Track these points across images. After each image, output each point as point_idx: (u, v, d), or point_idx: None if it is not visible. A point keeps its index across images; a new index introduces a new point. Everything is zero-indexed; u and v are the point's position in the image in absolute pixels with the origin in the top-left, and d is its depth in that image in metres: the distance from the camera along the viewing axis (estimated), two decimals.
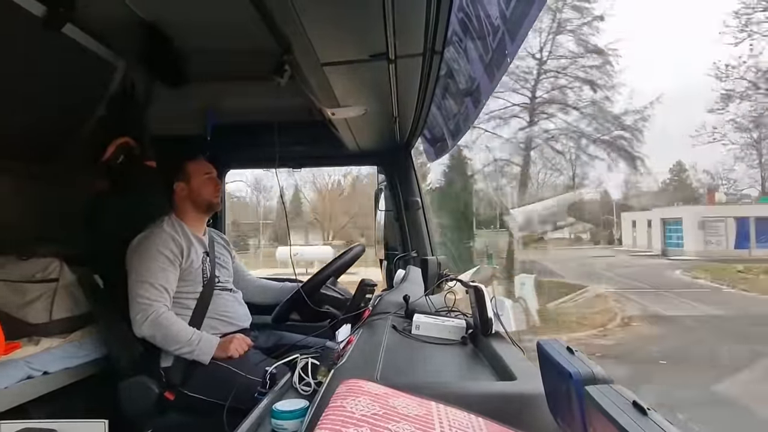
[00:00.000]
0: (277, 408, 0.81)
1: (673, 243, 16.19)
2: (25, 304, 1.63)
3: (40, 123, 1.75)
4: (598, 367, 0.52)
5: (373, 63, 1.16)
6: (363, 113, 1.56)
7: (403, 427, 0.55)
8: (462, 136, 2.06)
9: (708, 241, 15.29)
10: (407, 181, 2.19)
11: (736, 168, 16.15)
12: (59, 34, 1.44)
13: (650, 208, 16.96)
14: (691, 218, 15.52)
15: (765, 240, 14.69)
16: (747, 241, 14.85)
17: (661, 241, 16.62)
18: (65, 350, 1.64)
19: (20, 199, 1.90)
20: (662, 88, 24.72)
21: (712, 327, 9.10)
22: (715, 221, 15.32)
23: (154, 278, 1.57)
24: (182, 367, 1.57)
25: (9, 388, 1.41)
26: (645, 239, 17.15)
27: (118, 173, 1.85)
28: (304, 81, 1.38)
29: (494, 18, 1.24)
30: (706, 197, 16.94)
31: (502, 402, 0.71)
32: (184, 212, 1.74)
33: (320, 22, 0.99)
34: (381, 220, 2.35)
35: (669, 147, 18.30)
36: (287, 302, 1.75)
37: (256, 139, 2.11)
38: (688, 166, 17.60)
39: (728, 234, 15.19)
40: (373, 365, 0.86)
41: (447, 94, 1.86)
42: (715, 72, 14.40)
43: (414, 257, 2.10)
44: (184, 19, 1.59)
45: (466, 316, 1.25)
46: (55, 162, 1.96)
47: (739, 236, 15.01)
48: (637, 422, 0.42)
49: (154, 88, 1.97)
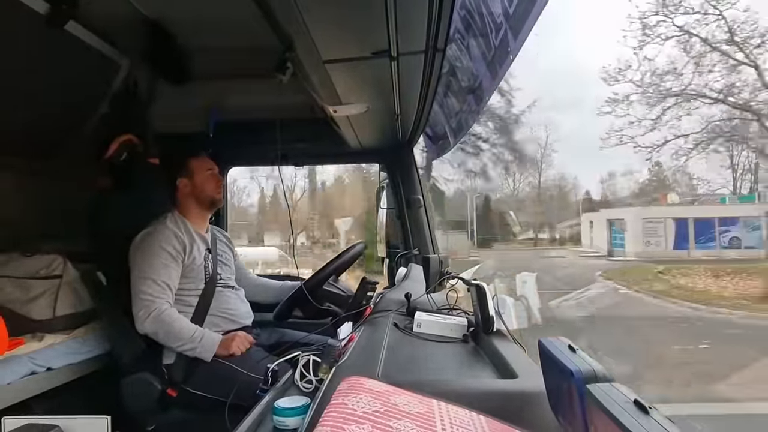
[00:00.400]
0: (278, 405, 0.81)
1: (617, 244, 16.38)
2: (28, 300, 1.64)
3: (43, 120, 1.76)
4: (599, 365, 0.52)
5: (375, 60, 1.16)
6: (365, 111, 1.56)
7: (404, 424, 0.55)
8: (464, 134, 2.05)
9: (647, 242, 15.41)
10: (409, 178, 2.18)
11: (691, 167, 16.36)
12: (62, 32, 1.44)
13: (598, 209, 17.39)
14: (632, 219, 15.68)
15: (704, 241, 14.81)
16: (686, 242, 14.91)
17: (608, 241, 16.85)
18: (68, 346, 1.65)
19: (24, 195, 1.91)
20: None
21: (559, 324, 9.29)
22: (654, 222, 15.44)
23: (156, 275, 1.58)
24: (184, 364, 1.58)
25: (12, 384, 1.42)
26: (602, 239, 17.33)
27: (121, 170, 1.85)
28: (306, 78, 1.37)
29: (497, 15, 1.23)
30: (659, 198, 17.10)
31: (504, 400, 0.71)
32: (187, 209, 1.75)
33: (322, 19, 0.99)
34: (383, 217, 2.35)
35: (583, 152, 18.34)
36: (289, 300, 1.76)
37: (258, 136, 2.12)
38: (666, 167, 17.67)
39: (667, 235, 15.28)
40: (374, 363, 0.86)
41: (449, 92, 1.86)
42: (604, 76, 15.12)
43: (416, 255, 2.10)
44: (187, 16, 1.59)
45: (467, 314, 1.25)
46: (59, 159, 1.97)
47: (678, 237, 15.09)
48: (638, 420, 0.42)
49: (157, 85, 1.97)
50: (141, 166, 1.88)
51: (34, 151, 1.88)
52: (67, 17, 1.42)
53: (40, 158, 1.91)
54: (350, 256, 1.78)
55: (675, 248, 14.92)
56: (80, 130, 1.95)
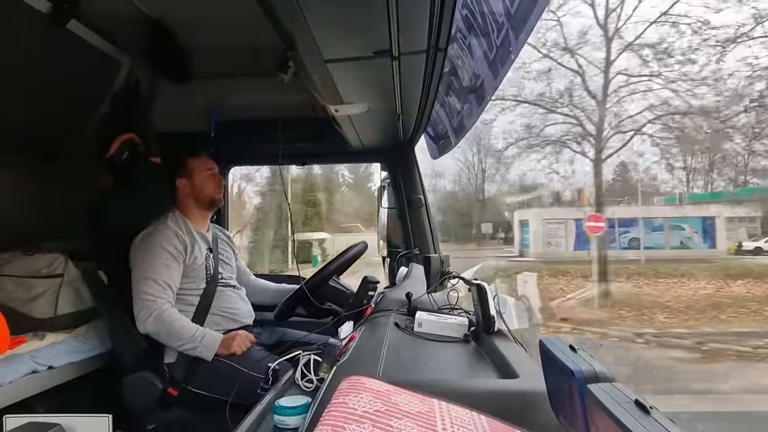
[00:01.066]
0: (279, 404, 0.81)
1: (526, 244, 16.35)
2: (30, 299, 1.64)
3: (44, 119, 1.76)
4: (600, 365, 0.52)
5: (376, 60, 1.15)
6: (366, 110, 1.56)
7: (405, 424, 0.55)
8: (465, 134, 2.05)
9: (548, 243, 15.40)
10: (410, 178, 2.18)
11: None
12: (64, 31, 1.44)
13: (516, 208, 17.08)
14: (534, 220, 15.66)
15: (607, 242, 14.50)
16: (587, 243, 14.34)
17: (519, 242, 16.78)
18: (70, 345, 1.65)
19: (25, 194, 1.91)
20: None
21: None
22: (555, 224, 15.40)
23: (157, 275, 1.58)
24: (185, 364, 1.58)
25: (14, 383, 1.42)
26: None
27: (123, 169, 1.85)
28: (308, 78, 1.37)
29: (498, 15, 1.23)
30: (578, 197, 16.43)
31: (504, 399, 0.71)
32: (187, 209, 1.75)
33: (324, 18, 0.99)
34: (383, 217, 2.35)
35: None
36: (290, 299, 1.76)
37: (259, 135, 2.11)
38: (630, 167, 16.99)
39: (567, 236, 15.23)
40: (375, 362, 0.86)
41: (450, 92, 1.85)
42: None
43: (417, 255, 2.10)
44: (189, 15, 1.60)
45: (468, 313, 1.25)
46: (60, 158, 1.97)
47: (578, 238, 14.88)
48: (639, 420, 0.42)
49: (159, 84, 1.97)
50: (142, 165, 1.88)
51: (36, 150, 1.89)
52: (68, 16, 1.42)
53: (41, 157, 1.91)
54: (351, 255, 1.78)
55: (576, 249, 14.79)
56: (81, 129, 1.95)
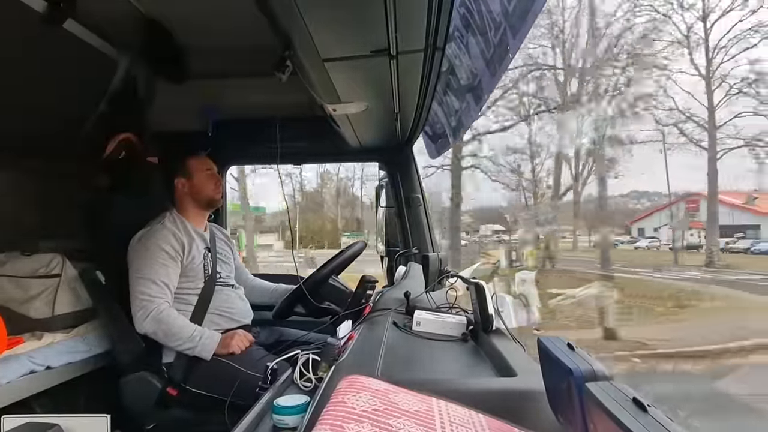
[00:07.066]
0: (278, 403, 0.81)
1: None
2: (27, 299, 1.64)
3: (41, 118, 1.75)
4: (598, 363, 0.52)
5: (374, 59, 1.15)
6: (364, 109, 1.55)
7: (403, 422, 0.55)
8: (464, 133, 2.05)
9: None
10: (408, 177, 2.18)
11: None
12: (60, 30, 1.43)
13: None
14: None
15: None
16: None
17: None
18: (68, 345, 1.65)
19: (22, 194, 1.90)
20: None
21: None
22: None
23: (155, 274, 1.58)
24: (184, 363, 1.58)
25: (12, 383, 1.41)
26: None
27: (120, 169, 1.85)
28: (306, 77, 1.37)
29: (496, 14, 1.23)
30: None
31: (503, 398, 0.71)
32: (185, 208, 1.75)
33: (322, 17, 0.98)
34: (381, 216, 2.35)
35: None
36: (288, 298, 1.76)
37: (257, 135, 2.11)
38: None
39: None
40: (373, 361, 0.86)
41: (448, 90, 1.85)
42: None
43: (415, 254, 2.10)
44: (186, 15, 1.59)
45: (466, 312, 1.25)
46: (57, 157, 1.96)
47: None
48: (637, 419, 0.42)
49: (156, 83, 1.96)
50: (139, 164, 1.88)
51: (32, 150, 1.88)
52: (65, 15, 1.41)
53: (38, 157, 1.90)
54: (349, 254, 1.78)
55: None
56: (78, 128, 1.94)
